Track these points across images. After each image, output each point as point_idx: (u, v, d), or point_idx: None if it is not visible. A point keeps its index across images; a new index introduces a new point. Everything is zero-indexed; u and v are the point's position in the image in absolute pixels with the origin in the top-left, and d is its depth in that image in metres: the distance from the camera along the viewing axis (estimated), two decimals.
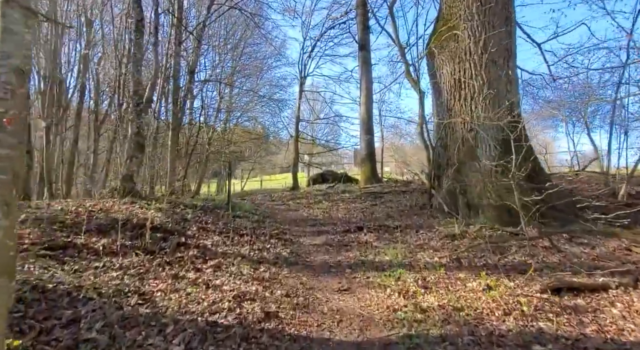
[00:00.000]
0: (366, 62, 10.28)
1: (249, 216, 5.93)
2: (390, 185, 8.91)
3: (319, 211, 6.99)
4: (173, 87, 16.05)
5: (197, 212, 5.42)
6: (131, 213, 4.66)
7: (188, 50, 21.13)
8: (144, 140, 6.25)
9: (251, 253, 3.88)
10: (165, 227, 4.20)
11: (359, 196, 8.08)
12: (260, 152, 35.81)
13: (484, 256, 3.71)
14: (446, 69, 6.00)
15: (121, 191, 5.80)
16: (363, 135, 10.09)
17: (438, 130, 6.18)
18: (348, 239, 4.85)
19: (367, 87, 10.17)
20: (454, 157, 5.74)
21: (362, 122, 10.18)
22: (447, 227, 4.92)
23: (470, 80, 5.65)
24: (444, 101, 6.04)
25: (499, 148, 5.34)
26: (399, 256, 3.82)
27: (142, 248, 3.46)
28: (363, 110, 10.17)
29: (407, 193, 7.65)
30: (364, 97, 10.18)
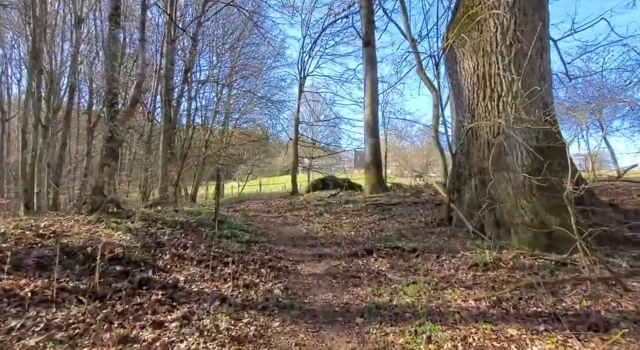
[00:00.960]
0: (371, 60, 9.53)
1: (238, 235, 5.13)
2: (399, 195, 8.12)
3: (320, 226, 6.20)
4: (165, 87, 15.32)
5: (177, 232, 4.63)
6: (92, 236, 3.87)
7: (185, 50, 20.45)
8: (119, 147, 5.46)
9: (234, 292, 3.08)
10: (129, 257, 3.41)
11: (364, 208, 7.29)
12: (258, 155, 35.12)
13: (532, 297, 2.91)
14: (468, 63, 5.23)
15: (89, 206, 5.01)
16: (368, 139, 9.31)
17: (458, 134, 5.41)
18: (355, 266, 4.06)
19: (372, 87, 9.42)
20: (477, 165, 4.96)
21: (367, 125, 9.41)
22: (475, 252, 4.13)
23: (497, 76, 4.88)
24: (465, 101, 5.26)
25: (533, 156, 4.55)
26: (422, 297, 3.03)
27: (89, 291, 2.66)
28: (367, 112, 9.41)
29: (419, 205, 6.85)
30: (369, 97, 9.42)
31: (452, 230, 5.08)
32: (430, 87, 6.29)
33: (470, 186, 4.99)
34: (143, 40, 9.97)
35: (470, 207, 4.94)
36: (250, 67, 32.33)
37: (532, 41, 4.85)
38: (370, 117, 9.33)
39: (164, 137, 15.11)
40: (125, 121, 10.58)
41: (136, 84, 10.10)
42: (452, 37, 5.42)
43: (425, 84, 6.45)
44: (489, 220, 4.65)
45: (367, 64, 9.54)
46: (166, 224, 4.93)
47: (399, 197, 7.85)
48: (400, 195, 8.18)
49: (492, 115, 4.89)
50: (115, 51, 5.68)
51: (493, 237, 4.55)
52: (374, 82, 9.46)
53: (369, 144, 9.26)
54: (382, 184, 9.12)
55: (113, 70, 5.56)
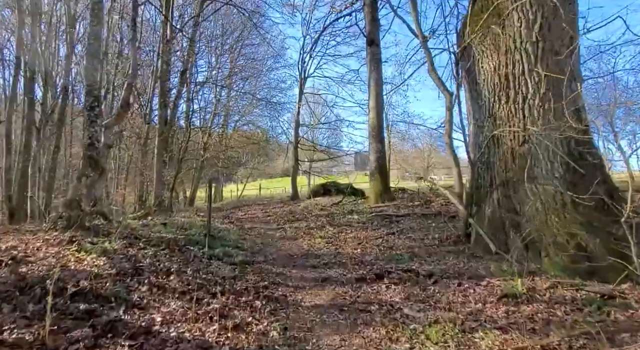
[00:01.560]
0: (375, 60, 9.03)
1: (231, 254, 4.61)
2: (407, 205, 7.60)
3: (323, 242, 5.68)
4: (161, 88, 14.84)
5: (161, 253, 4.11)
6: (59, 262, 3.36)
7: (183, 51, 20.00)
8: (100, 155, 4.94)
9: (221, 337, 2.55)
10: (98, 291, 2.88)
11: (370, 220, 6.77)
12: (258, 158, 34.62)
13: (585, 346, 2.38)
14: (488, 62, 4.72)
15: (64, 223, 4.49)
16: (373, 143, 8.80)
17: (476, 141, 4.89)
18: (365, 295, 3.54)
19: (377, 89, 8.92)
20: (500, 177, 4.44)
21: (371, 129, 8.90)
22: (502, 278, 3.61)
23: (523, 77, 4.38)
24: (485, 104, 4.75)
25: (566, 167, 4.04)
26: (449, 343, 2.50)
27: (36, 344, 2.14)
28: (372, 116, 8.90)
29: (430, 217, 6.33)
30: (373, 99, 8.92)
31: (471, 250, 4.55)
32: (442, 89, 5.77)
33: (492, 200, 4.47)
34: (135, 39, 9.49)
35: (493, 224, 4.41)
36: (250, 69, 31.94)
37: (561, 37, 4.35)
38: (375, 121, 8.82)
39: (159, 141, 14.61)
40: (115, 125, 10.08)
41: (127, 85, 9.61)
42: (469, 33, 4.91)
43: (437, 85, 5.94)
44: (515, 239, 4.12)
45: (371, 63, 9.05)
46: (150, 243, 4.41)
47: (407, 208, 7.34)
48: (408, 205, 7.65)
49: (516, 120, 4.38)
50: (97, 49, 5.17)
51: (520, 258, 4.03)
52: (378, 83, 8.96)
53: (373, 149, 8.75)
54: (388, 192, 8.60)
55: (94, 69, 5.04)
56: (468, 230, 4.81)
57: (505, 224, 4.27)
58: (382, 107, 9.05)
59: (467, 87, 5.23)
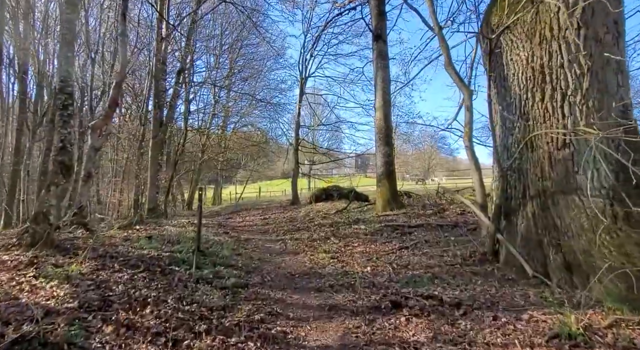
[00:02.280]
0: (382, 56, 8.45)
1: (223, 275, 4.01)
2: (418, 214, 6.99)
3: (327, 257, 5.07)
4: (155, 88, 14.29)
5: (138, 277, 3.51)
6: (8, 293, 2.76)
7: (182, 50, 19.47)
8: (72, 160, 4.35)
9: None
10: (46, 335, 2.28)
11: (378, 230, 6.16)
12: (258, 160, 34.03)
13: None
14: (519, 54, 4.13)
15: (28, 239, 3.89)
16: (380, 147, 8.20)
17: (505, 144, 4.29)
18: (381, 332, 2.94)
19: (384, 87, 8.33)
20: (535, 186, 3.85)
21: (378, 131, 8.31)
22: (546, 310, 3.00)
23: (561, 70, 3.79)
24: (515, 102, 4.17)
25: (616, 175, 3.44)
26: None
27: None
28: (379, 116, 8.31)
29: (446, 229, 5.73)
30: (380, 99, 8.33)
31: (501, 271, 3.95)
32: (461, 85, 5.18)
33: (526, 213, 3.87)
34: (124, 35, 8.91)
35: (527, 242, 3.81)
36: (249, 69, 31.43)
37: (605, 23, 3.76)
38: (382, 122, 8.23)
39: (153, 143, 14.04)
40: (103, 126, 9.51)
41: (115, 84, 9.06)
42: (495, 20, 4.33)
43: (455, 81, 5.35)
44: (556, 260, 3.52)
45: (378, 60, 8.46)
46: (128, 263, 3.81)
47: (419, 217, 6.73)
48: (419, 213, 7.04)
49: (554, 120, 3.78)
50: (70, 40, 4.58)
51: (563, 283, 3.43)
52: (385, 82, 8.38)
53: (381, 153, 8.15)
54: (397, 199, 7.99)
55: (67, 62, 4.45)
56: (496, 247, 4.21)
57: (542, 242, 3.66)
58: (390, 108, 8.47)
59: (492, 83, 4.64)
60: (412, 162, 49.43)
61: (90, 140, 8.69)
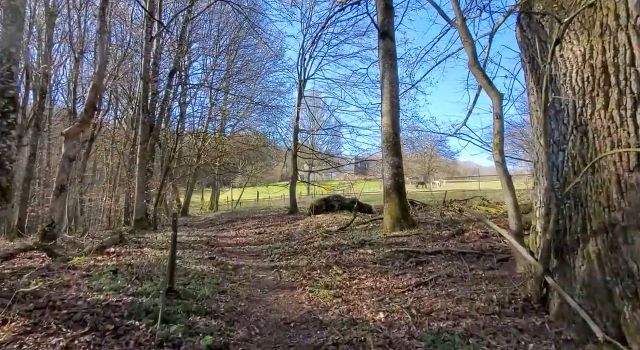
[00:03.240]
0: (389, 55, 7.63)
1: (197, 330, 3.15)
2: (434, 236, 6.13)
3: (329, 295, 4.22)
4: (143, 91, 13.48)
5: (80, 342, 2.64)
6: None
7: (175, 51, 18.67)
8: (11, 181, 3.50)
9: None
10: None
11: (389, 257, 5.31)
12: (255, 164, 33.17)
13: None
14: (572, 48, 3.30)
15: None
16: (388, 157, 7.35)
17: (552, 160, 3.45)
18: None
19: (392, 90, 7.51)
20: (599, 217, 3.01)
21: (385, 138, 7.47)
22: None
23: (632, 69, 2.95)
24: (568, 109, 3.34)
25: None
26: None
27: None
28: (386, 122, 7.47)
29: (471, 258, 4.87)
30: (387, 103, 7.50)
31: (555, 326, 3.09)
32: (489, 89, 4.36)
33: (587, 252, 3.03)
34: (103, 32, 8.11)
35: (590, 290, 2.97)
36: (247, 71, 30.66)
37: None
38: (390, 129, 7.39)
39: (141, 149, 13.19)
40: (79, 134, 8.64)
41: (92, 86, 8.25)
42: (540, 8, 3.51)
43: (481, 83, 4.53)
44: (635, 320, 2.67)
45: (385, 60, 7.64)
46: (70, 319, 2.96)
47: (435, 240, 5.87)
48: (435, 235, 6.18)
49: (622, 133, 2.95)
50: (14, 31, 3.74)
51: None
52: (393, 84, 7.55)
53: (388, 164, 7.30)
54: (407, 216, 7.14)
55: (11, 61, 3.62)
56: (543, 292, 3.36)
57: (613, 293, 2.82)
58: (398, 112, 7.63)
59: (533, 85, 3.81)
60: (411, 165, 48.69)
61: (64, 149, 7.86)
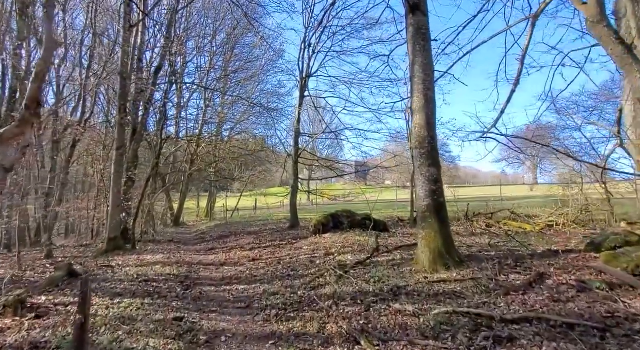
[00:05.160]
0: (421, 34, 5.84)
1: None
2: (502, 284, 4.29)
3: None
4: (120, 88, 11.69)
5: None
6: None
7: (161, 43, 16.98)
8: None
9: None
10: None
11: (444, 323, 3.48)
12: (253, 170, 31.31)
13: None
14: None
15: None
16: (422, 167, 5.50)
17: None
18: None
19: (425, 79, 5.70)
20: None
21: (419, 144, 5.63)
22: None
23: None
24: None
25: None
26: None
27: None
28: (419, 122, 5.65)
29: (591, 335, 3.05)
30: (420, 96, 5.69)
31: None
32: (625, 61, 2.57)
33: None
34: (50, 6, 6.33)
35: None
36: (245, 71, 28.89)
37: None
38: (424, 131, 5.57)
39: (117, 155, 11.37)
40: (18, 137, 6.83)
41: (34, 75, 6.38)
42: None
43: (612, 53, 2.72)
44: None
45: (415, 41, 5.86)
46: None
47: (506, 292, 4.03)
48: (498, 280, 4.35)
49: None
50: None
51: None
52: (427, 71, 5.75)
53: (424, 177, 5.47)
54: (452, 250, 5.27)
55: None
56: None
57: None
58: (435, 109, 5.81)
59: None
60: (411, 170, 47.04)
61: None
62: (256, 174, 31.08)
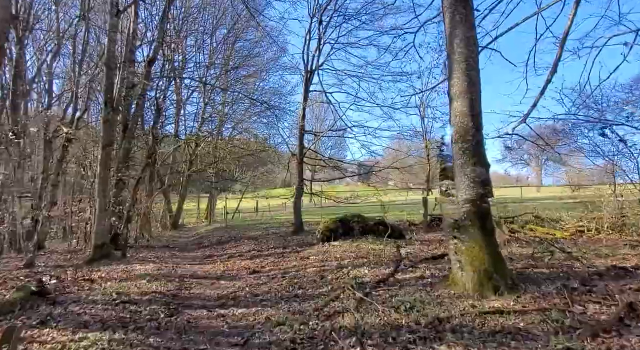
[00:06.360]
0: (461, 1, 4.84)
1: None
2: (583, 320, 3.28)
3: None
4: (106, 80, 10.72)
5: None
6: None
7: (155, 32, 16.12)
8: None
9: None
10: None
11: None
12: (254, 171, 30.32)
13: None
14: None
15: None
16: (465, 167, 4.46)
17: None
18: None
19: (467, 56, 4.65)
20: None
21: (459, 137, 4.58)
22: None
23: None
24: None
25: None
26: None
27: None
28: (460, 109, 4.61)
29: None
30: (461, 77, 4.65)
31: None
32: None
33: None
34: None
35: None
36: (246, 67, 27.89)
37: None
38: (468, 120, 4.52)
39: (103, 154, 10.38)
40: None
41: None
42: None
43: None
44: None
45: (455, 8, 4.81)
46: None
47: (593, 332, 3.01)
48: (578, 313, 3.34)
49: None
50: None
51: None
52: (470, 45, 4.71)
53: (467, 177, 4.42)
54: (504, 269, 4.17)
55: None
56: None
57: None
58: (480, 93, 4.78)
59: None
60: (416, 171, 45.96)
61: None
62: (258, 175, 30.08)
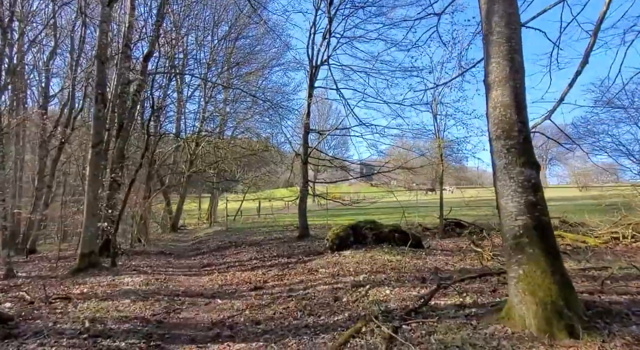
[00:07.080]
0: None
1: None
2: None
3: None
4: (97, 74, 9.95)
5: None
6: None
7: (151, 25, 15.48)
8: None
9: None
10: None
11: None
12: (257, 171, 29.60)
13: None
14: None
15: None
16: (511, 168, 3.58)
17: None
18: None
19: (511, 37, 3.82)
20: None
21: (502, 133, 3.75)
22: None
23: None
24: None
25: None
26: None
27: None
28: (502, 100, 3.78)
29: None
30: (502, 63, 3.83)
31: None
32: None
33: None
34: None
35: None
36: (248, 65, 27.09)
37: None
38: (512, 113, 3.69)
39: (93, 153, 9.62)
40: None
41: None
42: None
43: None
44: None
45: None
46: None
47: None
48: None
49: None
50: None
51: None
52: (512, 24, 3.89)
53: (514, 182, 3.58)
54: (575, 302, 3.36)
55: None
56: None
57: None
58: (524, 79, 3.94)
59: None
60: (420, 170, 45.14)
61: None
62: (260, 176, 29.32)
